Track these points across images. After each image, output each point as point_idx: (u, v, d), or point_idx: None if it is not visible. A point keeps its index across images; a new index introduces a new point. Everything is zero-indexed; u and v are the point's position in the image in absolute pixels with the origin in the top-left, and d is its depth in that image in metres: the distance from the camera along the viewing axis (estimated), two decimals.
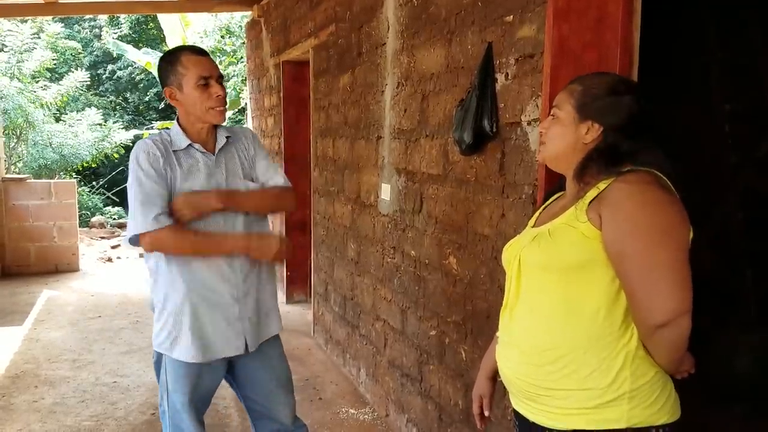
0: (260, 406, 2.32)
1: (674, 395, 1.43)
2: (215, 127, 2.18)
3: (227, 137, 2.20)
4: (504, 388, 1.60)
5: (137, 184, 2.03)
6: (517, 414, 1.55)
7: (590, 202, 1.37)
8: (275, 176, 2.27)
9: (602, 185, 1.37)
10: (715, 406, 2.94)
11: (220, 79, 2.14)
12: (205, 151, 2.14)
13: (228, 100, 10.26)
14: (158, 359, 2.20)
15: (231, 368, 2.26)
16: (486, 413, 1.73)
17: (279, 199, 2.28)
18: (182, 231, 2.05)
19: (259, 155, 2.28)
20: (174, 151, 2.11)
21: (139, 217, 2.01)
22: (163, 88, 2.16)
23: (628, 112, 1.42)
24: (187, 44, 2.02)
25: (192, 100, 2.10)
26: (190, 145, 2.13)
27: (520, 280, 1.49)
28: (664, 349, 1.33)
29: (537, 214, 1.62)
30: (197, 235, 2.07)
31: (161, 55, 2.20)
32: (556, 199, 1.60)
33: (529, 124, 2.11)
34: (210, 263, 2.10)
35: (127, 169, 2.14)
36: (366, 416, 3.56)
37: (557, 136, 1.48)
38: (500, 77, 2.26)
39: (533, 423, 1.47)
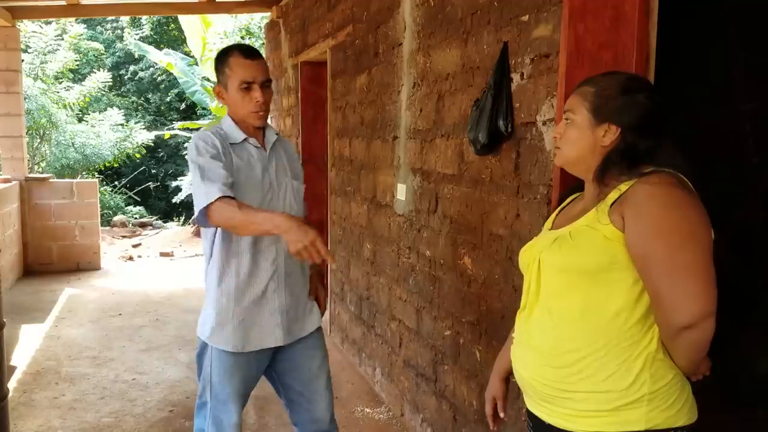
0: (300, 396, 2.32)
1: (692, 398, 1.42)
2: (258, 128, 2.22)
3: (277, 135, 2.26)
4: (518, 388, 1.59)
5: (197, 166, 2.02)
6: (531, 415, 1.55)
7: (612, 204, 1.36)
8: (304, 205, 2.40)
9: (624, 187, 1.36)
10: (736, 409, 2.90)
11: (266, 83, 2.14)
12: (259, 146, 2.19)
13: None
14: (202, 351, 2.22)
15: (272, 359, 2.29)
16: (501, 414, 1.73)
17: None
18: (233, 202, 1.95)
19: (301, 178, 2.35)
20: (231, 143, 2.14)
21: (201, 194, 1.97)
22: (215, 84, 2.22)
23: (644, 109, 1.40)
24: (239, 44, 2.04)
25: (234, 102, 2.14)
26: (245, 139, 2.16)
27: (539, 283, 1.48)
28: (686, 351, 1.32)
29: (553, 216, 1.61)
30: (243, 207, 1.95)
31: (218, 52, 2.23)
32: (572, 200, 1.59)
33: (544, 124, 2.10)
34: (254, 255, 2.14)
35: (149, 169, 2.17)
36: (381, 415, 3.56)
37: (574, 140, 1.46)
38: (516, 77, 2.25)
39: (549, 425, 1.47)
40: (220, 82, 2.16)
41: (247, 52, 2.14)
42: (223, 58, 2.15)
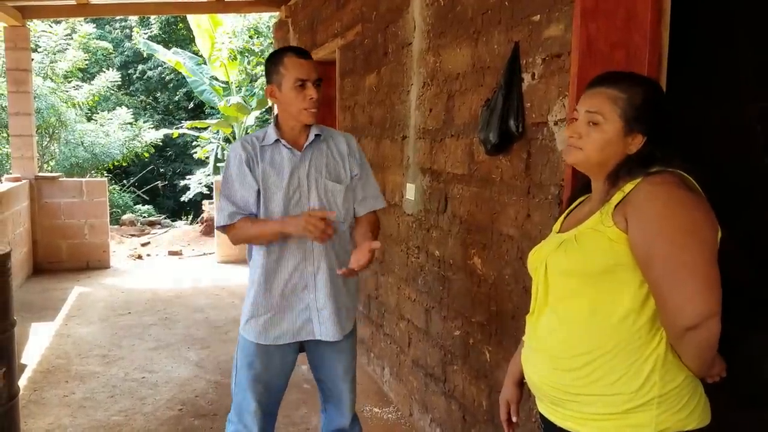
0: (329, 390, 2.44)
1: (704, 400, 1.41)
2: (309, 126, 2.29)
3: (317, 134, 2.30)
4: (529, 390, 1.59)
5: (223, 181, 2.29)
6: (543, 418, 1.55)
7: (616, 206, 1.36)
8: (377, 200, 2.40)
9: (627, 188, 1.36)
10: (746, 411, 2.89)
11: (318, 82, 2.24)
12: (291, 147, 2.26)
13: (256, 100, 10.38)
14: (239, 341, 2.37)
15: (305, 351, 2.38)
16: (514, 419, 1.72)
17: (376, 229, 2.40)
18: (243, 224, 2.23)
19: (363, 170, 2.38)
20: (262, 146, 2.27)
21: (219, 213, 2.26)
22: (267, 84, 2.30)
23: (669, 120, 1.42)
24: (292, 45, 2.27)
25: (288, 100, 2.23)
26: (277, 140, 2.26)
27: (547, 286, 1.49)
28: (693, 352, 1.31)
29: (561, 218, 1.60)
30: (254, 225, 2.22)
31: (269, 54, 2.34)
32: (580, 202, 1.59)
33: (555, 124, 2.09)
34: (280, 256, 2.24)
35: (157, 168, 2.25)
36: (390, 415, 3.56)
37: (603, 145, 1.42)
38: (527, 77, 2.25)
39: (561, 428, 1.47)
40: (273, 81, 2.25)
41: (300, 52, 2.26)
42: (277, 58, 2.25)
